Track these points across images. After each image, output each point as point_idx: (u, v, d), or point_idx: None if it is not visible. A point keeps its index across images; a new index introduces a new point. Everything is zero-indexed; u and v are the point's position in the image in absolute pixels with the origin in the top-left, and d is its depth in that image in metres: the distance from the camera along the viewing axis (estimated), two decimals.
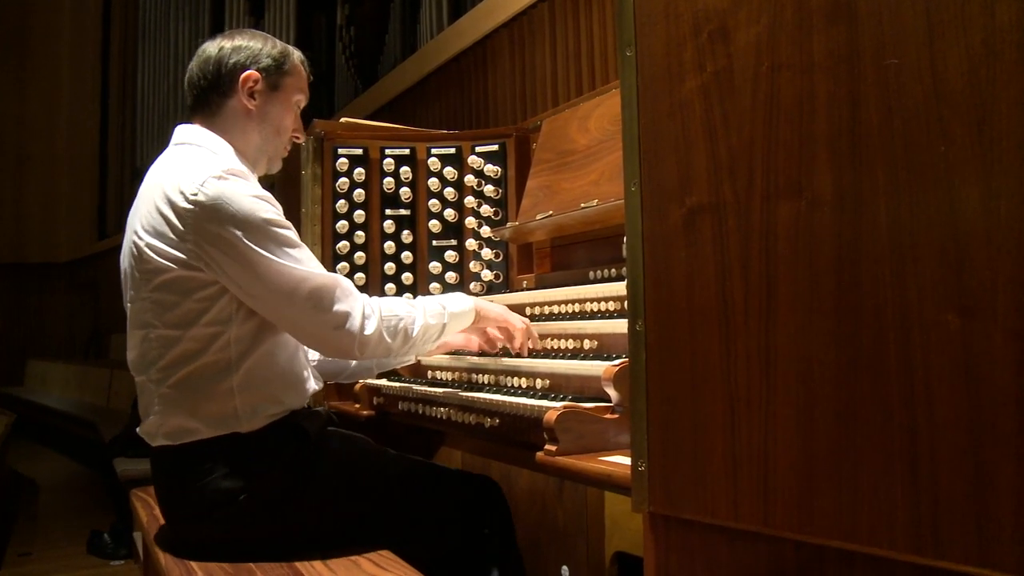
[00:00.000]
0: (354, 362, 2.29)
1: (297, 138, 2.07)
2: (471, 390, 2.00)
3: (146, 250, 1.79)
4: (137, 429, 1.90)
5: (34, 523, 5.44)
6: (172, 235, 1.76)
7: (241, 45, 1.97)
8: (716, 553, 1.14)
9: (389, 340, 1.90)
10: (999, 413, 0.84)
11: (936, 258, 0.88)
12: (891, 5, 0.92)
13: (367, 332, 1.85)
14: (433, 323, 1.98)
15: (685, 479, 1.13)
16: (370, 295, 2.68)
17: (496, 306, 2.12)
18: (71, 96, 12.01)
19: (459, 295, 2.09)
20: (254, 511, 1.79)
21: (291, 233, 1.82)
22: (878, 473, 0.93)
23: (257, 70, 1.95)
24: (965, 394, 0.86)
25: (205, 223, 1.74)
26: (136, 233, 1.83)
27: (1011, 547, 0.83)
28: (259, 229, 1.76)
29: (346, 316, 1.83)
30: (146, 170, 1.94)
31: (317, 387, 2.00)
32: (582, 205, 2.19)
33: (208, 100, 1.96)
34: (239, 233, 1.74)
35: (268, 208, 1.79)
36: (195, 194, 1.74)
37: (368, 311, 1.87)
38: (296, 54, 2.04)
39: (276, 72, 1.98)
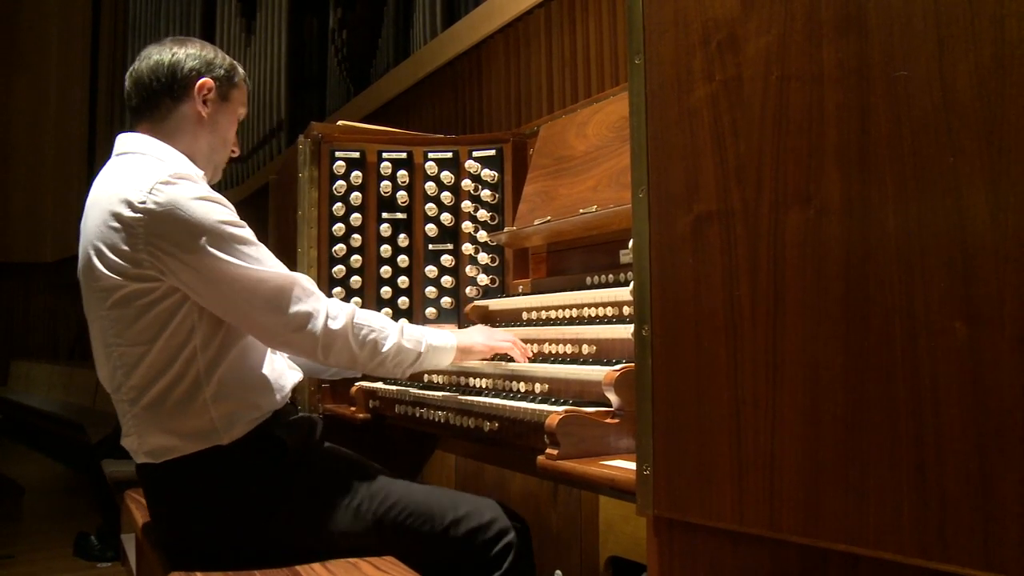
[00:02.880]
0: None
1: (235, 152, 2.06)
2: (469, 394, 2.01)
3: (98, 266, 1.74)
4: (120, 441, 1.89)
5: (18, 525, 5.40)
6: (124, 247, 1.71)
7: (195, 53, 1.95)
8: (720, 557, 1.15)
9: (356, 349, 1.83)
10: (1005, 420, 0.85)
11: (944, 267, 0.90)
12: (901, 18, 0.94)
13: (332, 330, 1.79)
14: (408, 347, 1.90)
15: (690, 483, 1.15)
16: (366, 298, 2.71)
17: (479, 336, 2.05)
18: (58, 94, 11.95)
19: (443, 332, 2.03)
20: (240, 524, 1.77)
21: (246, 232, 1.78)
22: (885, 477, 0.94)
23: (212, 78, 1.95)
24: (971, 400, 0.88)
25: (157, 230, 1.69)
26: (87, 250, 1.77)
27: (1016, 551, 0.84)
28: (213, 232, 1.71)
29: (308, 316, 1.77)
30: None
31: (298, 378, 1.97)
32: (581, 211, 2.20)
33: (158, 104, 1.91)
34: (193, 236, 1.69)
35: (221, 210, 1.75)
36: (143, 202, 1.69)
37: (333, 312, 1.81)
38: (242, 70, 2.05)
39: (227, 83, 1.98)
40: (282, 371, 1.93)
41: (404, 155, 2.77)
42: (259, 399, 1.83)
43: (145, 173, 1.74)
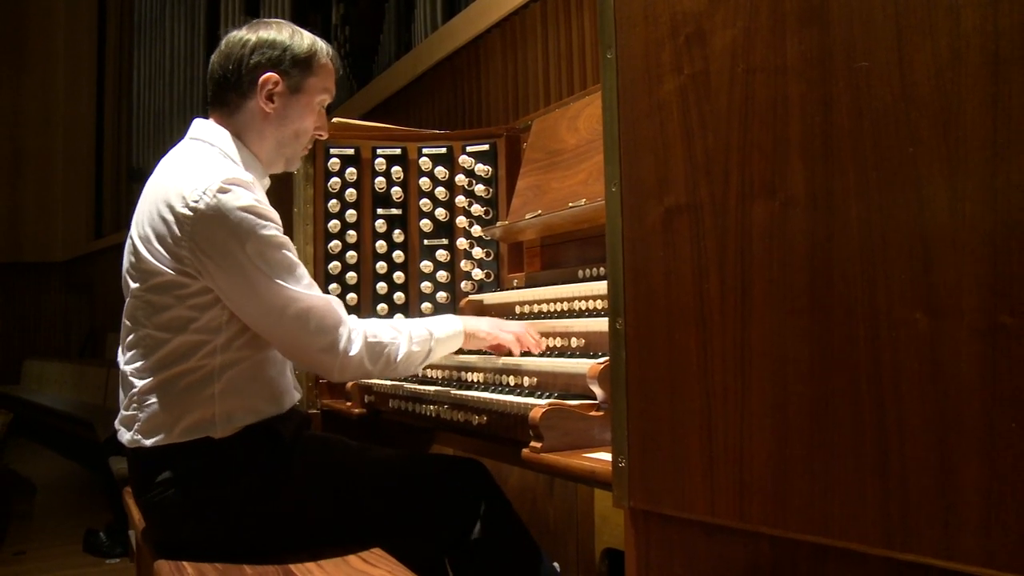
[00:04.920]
0: None
1: (320, 135, 2.04)
2: (461, 388, 2.02)
3: (143, 250, 1.79)
4: (116, 422, 1.90)
5: (29, 522, 5.45)
6: (169, 239, 1.75)
7: (265, 40, 1.91)
8: (694, 547, 1.16)
9: (370, 366, 1.88)
10: (964, 410, 0.86)
11: (905, 258, 0.90)
12: (862, 9, 0.94)
13: (350, 355, 1.84)
14: (417, 350, 1.95)
15: (664, 475, 1.15)
16: (361, 294, 2.72)
17: (485, 323, 2.07)
18: (67, 94, 12.01)
19: (449, 317, 2.06)
20: (230, 515, 1.79)
21: (288, 252, 1.80)
22: (849, 469, 0.95)
23: (278, 72, 1.90)
24: (932, 391, 0.88)
25: (202, 231, 1.72)
26: (136, 231, 1.83)
27: (976, 540, 0.85)
28: (256, 244, 1.74)
29: (332, 341, 1.82)
30: (155, 164, 1.93)
31: (297, 398, 2.00)
32: (570, 204, 2.20)
33: (226, 98, 1.92)
34: (235, 246, 1.72)
35: (268, 224, 1.77)
36: (196, 201, 1.72)
37: (354, 335, 1.85)
38: (324, 51, 1.97)
39: (299, 73, 1.92)
40: (288, 388, 1.95)
41: (398, 151, 2.78)
42: (263, 406, 1.86)
43: (205, 171, 1.76)
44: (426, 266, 2.76)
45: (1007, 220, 0.83)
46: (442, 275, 2.76)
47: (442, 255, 2.76)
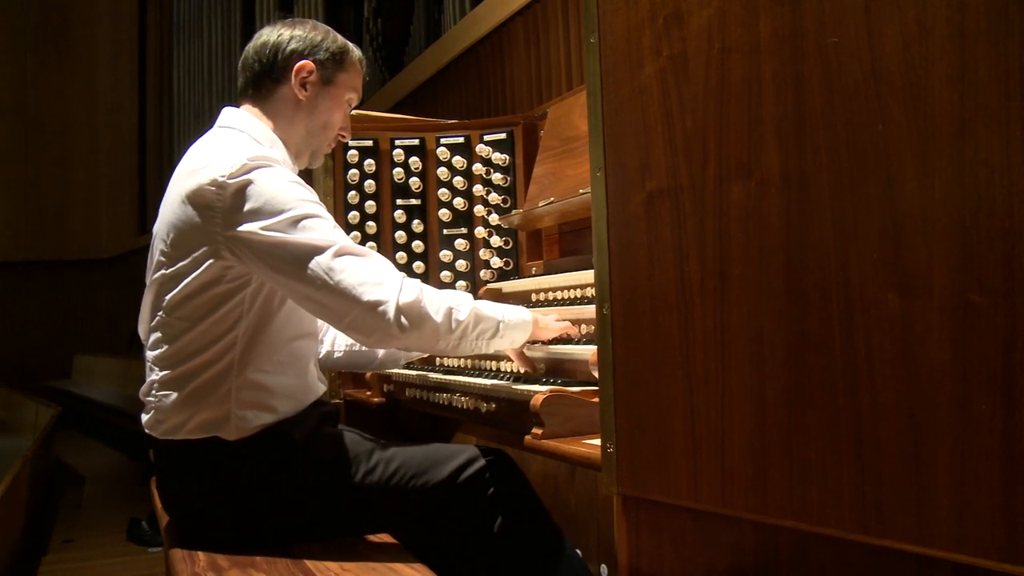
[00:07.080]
0: (381, 352, 2.25)
1: (343, 136, 2.05)
2: (476, 376, 2.02)
3: (170, 235, 1.77)
4: (140, 393, 1.90)
5: (78, 511, 5.60)
6: (198, 220, 1.72)
7: (301, 35, 1.95)
8: (682, 532, 1.15)
9: (435, 318, 1.69)
10: (936, 393, 0.84)
11: (876, 237, 0.89)
12: None
13: (405, 303, 1.67)
14: (487, 314, 1.79)
15: (650, 461, 1.15)
16: None
17: (546, 318, 1.93)
18: (110, 96, 12.26)
19: (513, 306, 1.89)
20: (241, 513, 1.79)
21: (319, 208, 1.74)
22: (825, 454, 0.93)
23: (313, 61, 1.93)
24: (905, 374, 0.86)
25: (231, 208, 1.69)
26: (163, 219, 1.81)
27: (947, 525, 0.83)
28: (285, 213, 1.69)
29: (377, 287, 1.67)
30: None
31: (321, 391, 1.96)
32: (581, 191, 2.19)
33: (260, 85, 1.94)
34: (264, 220, 1.68)
35: (298, 190, 1.73)
36: (222, 176, 1.70)
37: (407, 285, 1.70)
38: (356, 52, 2.02)
39: (332, 66, 1.96)
40: (311, 385, 1.92)
41: (416, 141, 2.79)
42: (279, 405, 1.83)
43: (230, 152, 1.75)
44: (445, 255, 2.77)
45: (975, 195, 0.81)
46: (461, 264, 2.76)
47: (461, 244, 2.77)
